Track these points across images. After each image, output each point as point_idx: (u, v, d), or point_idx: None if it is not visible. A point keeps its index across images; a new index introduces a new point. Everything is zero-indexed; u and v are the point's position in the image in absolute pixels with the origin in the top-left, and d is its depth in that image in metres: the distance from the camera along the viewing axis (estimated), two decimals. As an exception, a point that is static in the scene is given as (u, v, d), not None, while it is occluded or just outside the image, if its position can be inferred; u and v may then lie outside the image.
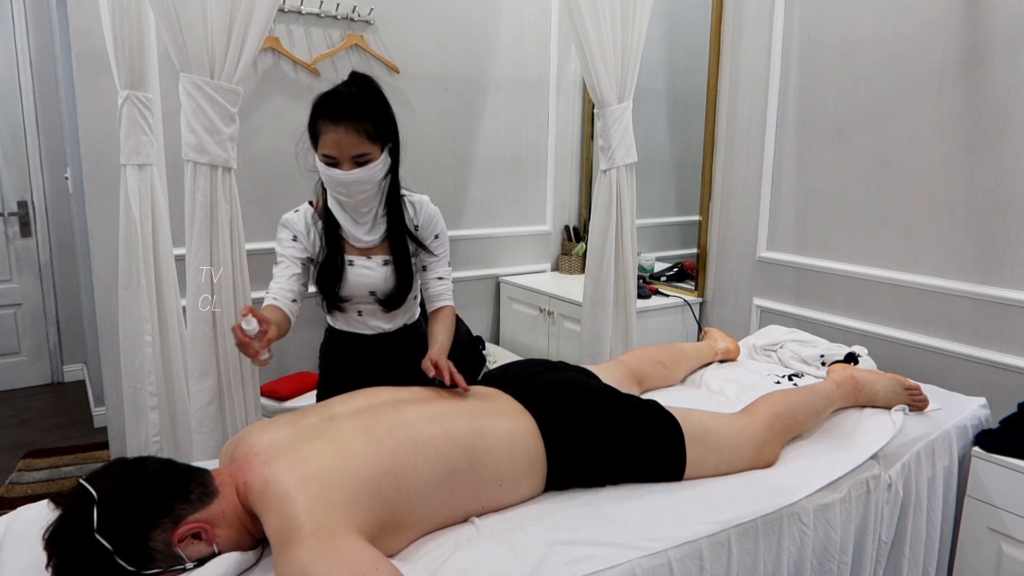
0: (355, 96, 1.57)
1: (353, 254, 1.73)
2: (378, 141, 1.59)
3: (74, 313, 3.88)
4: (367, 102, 1.58)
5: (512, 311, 3.25)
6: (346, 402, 1.36)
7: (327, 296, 1.76)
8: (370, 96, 1.60)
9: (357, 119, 1.54)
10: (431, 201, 1.78)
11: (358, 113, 1.55)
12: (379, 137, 1.59)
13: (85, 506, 1.01)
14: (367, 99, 1.59)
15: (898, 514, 1.61)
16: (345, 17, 2.71)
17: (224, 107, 1.81)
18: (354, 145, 1.55)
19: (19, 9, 3.56)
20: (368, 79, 1.66)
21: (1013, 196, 1.95)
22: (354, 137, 1.54)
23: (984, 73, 1.98)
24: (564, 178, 3.43)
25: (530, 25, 3.18)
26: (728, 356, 2.22)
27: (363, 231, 1.71)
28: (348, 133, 1.54)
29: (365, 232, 1.71)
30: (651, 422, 1.46)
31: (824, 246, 2.46)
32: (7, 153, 3.66)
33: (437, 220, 1.77)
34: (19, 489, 2.71)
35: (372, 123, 1.56)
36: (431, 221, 1.76)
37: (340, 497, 1.07)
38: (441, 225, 1.78)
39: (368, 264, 1.72)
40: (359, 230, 1.71)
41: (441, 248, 1.78)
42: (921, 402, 1.80)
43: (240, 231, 1.93)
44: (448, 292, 1.79)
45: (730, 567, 1.28)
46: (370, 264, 1.72)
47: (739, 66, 2.68)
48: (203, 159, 1.82)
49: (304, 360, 2.85)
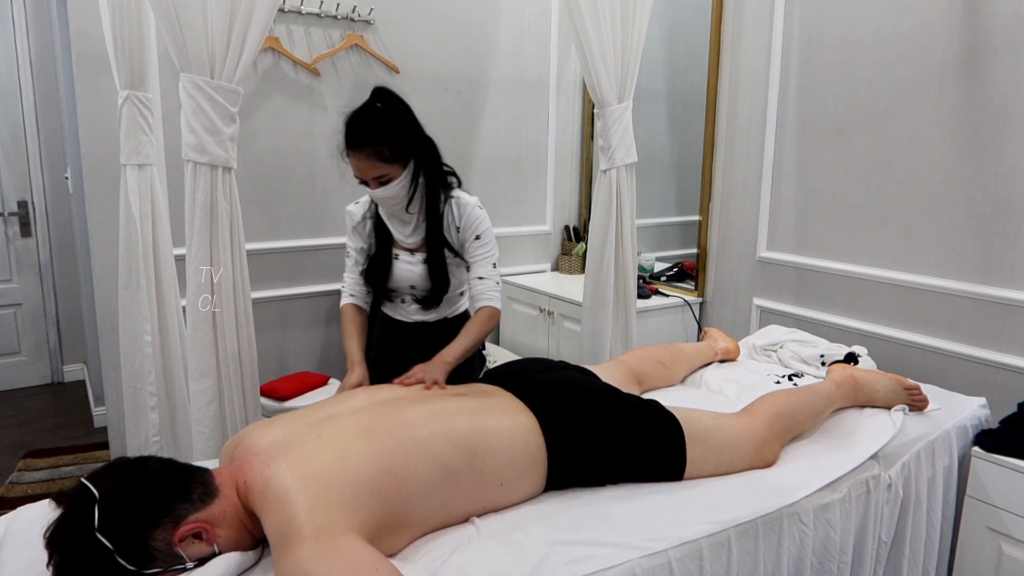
0: (369, 122, 1.65)
1: (399, 249, 1.86)
2: (396, 160, 1.67)
3: (74, 313, 3.88)
4: (381, 126, 1.65)
5: (512, 311, 3.25)
6: (346, 401, 1.36)
7: (375, 287, 1.89)
8: (387, 115, 1.67)
9: (372, 144, 1.63)
10: (480, 203, 1.83)
11: (372, 138, 1.63)
12: (397, 156, 1.67)
13: (86, 505, 1.01)
14: (382, 122, 1.65)
15: (898, 514, 1.61)
16: (345, 17, 2.71)
17: (224, 107, 1.80)
18: (372, 168, 1.66)
19: (19, 9, 3.56)
20: (387, 96, 1.72)
21: (1013, 196, 1.95)
22: (372, 161, 1.65)
23: (984, 73, 1.98)
24: (564, 178, 3.43)
25: (530, 25, 3.18)
26: (728, 356, 2.22)
27: (406, 232, 1.83)
28: (366, 158, 1.65)
29: (408, 234, 1.83)
30: (651, 422, 1.46)
31: (824, 246, 2.46)
32: (7, 153, 3.66)
33: (479, 222, 1.81)
34: (19, 489, 2.71)
35: (388, 145, 1.64)
36: (473, 223, 1.80)
37: (340, 497, 1.07)
38: (483, 227, 1.82)
39: (411, 260, 1.84)
40: (402, 231, 1.83)
41: (482, 249, 1.82)
42: (921, 402, 1.80)
43: (240, 231, 1.93)
44: (489, 292, 1.81)
45: (730, 567, 1.28)
46: (413, 260, 1.84)
47: (739, 66, 2.68)
48: (203, 159, 1.81)
49: (304, 360, 2.85)
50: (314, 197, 2.77)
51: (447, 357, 1.67)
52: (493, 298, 1.80)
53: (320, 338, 2.88)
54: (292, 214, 2.74)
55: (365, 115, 1.66)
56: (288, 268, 2.75)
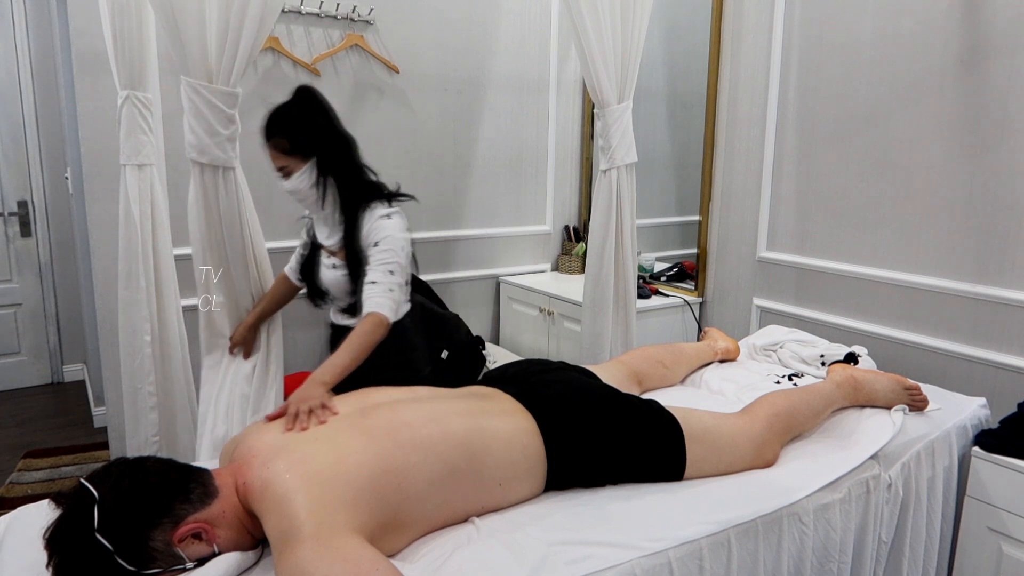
0: (278, 116, 1.72)
1: (325, 251, 1.88)
2: (296, 154, 1.72)
3: (74, 313, 3.88)
4: (285, 120, 1.71)
5: (512, 311, 3.25)
6: (345, 403, 1.36)
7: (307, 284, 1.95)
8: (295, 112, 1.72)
9: (275, 135, 1.72)
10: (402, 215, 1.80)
11: (275, 129, 1.72)
12: (296, 150, 1.72)
13: (86, 506, 1.01)
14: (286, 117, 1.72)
15: (898, 514, 1.61)
16: (345, 17, 2.71)
17: (221, 110, 1.83)
18: (275, 158, 1.74)
19: (19, 9, 3.56)
20: (306, 93, 1.76)
21: (1013, 196, 1.95)
22: (274, 152, 1.74)
23: (984, 73, 1.98)
24: (564, 178, 3.43)
25: (530, 25, 3.18)
26: (728, 356, 2.22)
27: (324, 234, 1.87)
28: (271, 149, 1.74)
29: (326, 236, 1.86)
30: (651, 422, 1.46)
31: (824, 246, 2.46)
32: (7, 153, 3.66)
33: (380, 230, 1.73)
34: (19, 489, 2.71)
35: (288, 138, 1.71)
36: (375, 231, 1.75)
37: (340, 497, 1.07)
38: (383, 234, 1.73)
39: (328, 263, 1.87)
40: (322, 232, 1.87)
41: (380, 255, 1.72)
42: (921, 402, 1.80)
43: (249, 229, 1.94)
44: (377, 297, 1.66)
45: (730, 567, 1.28)
46: (329, 263, 1.87)
47: (739, 66, 2.68)
48: (204, 159, 1.84)
49: (304, 360, 2.85)
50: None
51: (322, 378, 1.49)
52: (382, 304, 1.65)
53: (320, 338, 2.88)
54: (292, 214, 2.73)
55: (277, 109, 1.74)
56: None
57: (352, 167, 1.81)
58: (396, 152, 2.92)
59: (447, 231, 3.12)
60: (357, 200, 1.79)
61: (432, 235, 3.08)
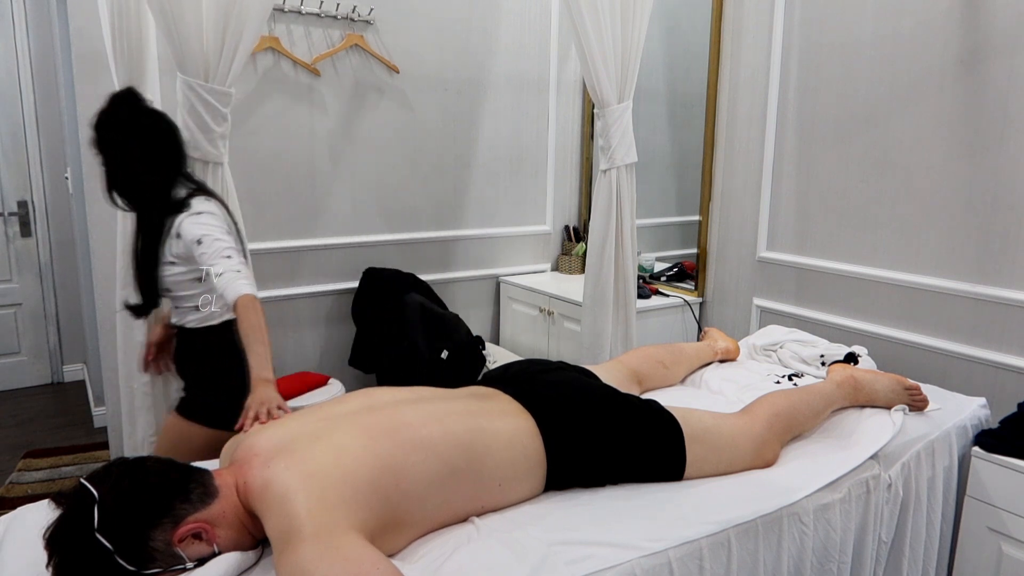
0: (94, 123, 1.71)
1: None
2: (96, 147, 1.71)
3: (74, 313, 3.88)
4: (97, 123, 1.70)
5: (512, 311, 3.25)
6: (345, 403, 1.36)
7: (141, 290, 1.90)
8: (101, 119, 1.71)
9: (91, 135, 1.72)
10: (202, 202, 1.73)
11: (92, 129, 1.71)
12: (97, 143, 1.71)
13: (86, 506, 1.01)
14: (97, 133, 1.71)
15: (898, 514, 1.62)
16: (345, 17, 2.71)
17: (216, 108, 1.93)
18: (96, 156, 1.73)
19: (19, 9, 3.56)
20: (118, 97, 1.73)
21: (1013, 196, 1.95)
22: (93, 149, 1.72)
23: (984, 73, 1.98)
24: (564, 178, 3.43)
25: (530, 25, 3.18)
26: (728, 356, 2.22)
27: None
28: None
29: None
30: (651, 422, 1.46)
31: (824, 246, 2.46)
32: (7, 153, 3.66)
33: (190, 228, 1.67)
34: (19, 489, 2.71)
35: (93, 129, 1.70)
36: (186, 232, 1.68)
37: (340, 496, 1.07)
38: (199, 231, 1.66)
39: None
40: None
41: (207, 249, 1.65)
42: (921, 402, 1.80)
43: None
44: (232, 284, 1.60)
45: (730, 567, 1.28)
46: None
47: (739, 66, 2.68)
48: (195, 154, 1.94)
49: (304, 360, 2.85)
50: (314, 197, 2.77)
51: (265, 375, 1.51)
52: (240, 287, 1.59)
53: (319, 338, 2.89)
54: (292, 214, 2.74)
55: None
56: (287, 268, 2.75)
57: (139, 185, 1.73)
58: (396, 152, 2.92)
59: (447, 231, 3.12)
60: (145, 200, 1.75)
61: (432, 235, 3.08)
